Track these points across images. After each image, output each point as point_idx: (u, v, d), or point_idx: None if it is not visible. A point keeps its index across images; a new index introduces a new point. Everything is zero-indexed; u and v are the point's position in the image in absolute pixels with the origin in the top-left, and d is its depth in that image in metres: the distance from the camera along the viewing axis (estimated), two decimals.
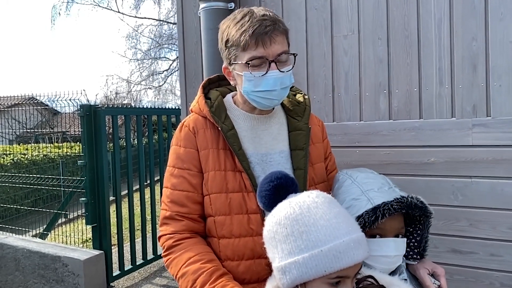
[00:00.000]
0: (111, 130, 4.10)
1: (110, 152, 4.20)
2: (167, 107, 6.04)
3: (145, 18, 18.56)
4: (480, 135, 1.88)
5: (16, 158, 6.52)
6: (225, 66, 1.24)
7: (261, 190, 0.98)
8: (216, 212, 1.17)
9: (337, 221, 0.87)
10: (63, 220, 5.09)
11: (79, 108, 3.86)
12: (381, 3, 2.06)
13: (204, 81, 1.35)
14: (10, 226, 4.55)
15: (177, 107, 5.47)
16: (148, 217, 4.52)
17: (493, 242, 1.87)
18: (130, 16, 17.26)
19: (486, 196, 1.87)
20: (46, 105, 5.38)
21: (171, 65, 16.23)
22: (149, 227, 4.59)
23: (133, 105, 14.69)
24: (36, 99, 5.29)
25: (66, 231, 4.52)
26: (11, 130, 6.12)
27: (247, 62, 1.13)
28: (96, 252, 3.71)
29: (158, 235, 1.23)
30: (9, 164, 6.38)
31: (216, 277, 1.07)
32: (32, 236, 4.53)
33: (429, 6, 1.96)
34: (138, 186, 4.30)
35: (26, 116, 5.44)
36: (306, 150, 1.25)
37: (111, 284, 3.85)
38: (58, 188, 4.75)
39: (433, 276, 1.19)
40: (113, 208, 4.03)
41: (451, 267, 1.92)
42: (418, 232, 1.21)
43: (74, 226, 4.61)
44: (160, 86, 17.30)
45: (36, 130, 7.90)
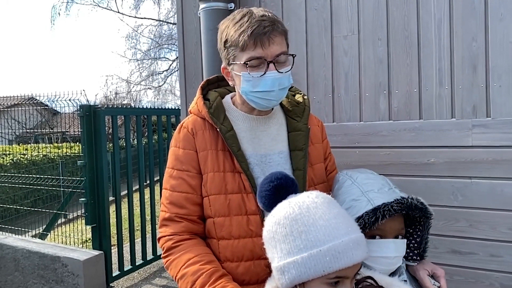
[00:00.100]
0: (111, 130, 4.10)
1: (109, 152, 4.19)
2: (166, 107, 6.03)
3: (145, 18, 18.60)
4: (480, 136, 1.88)
5: (16, 158, 6.52)
6: (224, 66, 1.24)
7: (261, 191, 0.98)
8: (215, 213, 1.17)
9: (336, 221, 0.87)
10: (63, 220, 5.09)
11: (78, 108, 3.86)
12: (381, 3, 2.06)
13: (202, 82, 1.34)
14: (10, 227, 4.54)
15: (176, 108, 5.47)
16: (148, 218, 4.52)
17: (492, 243, 1.87)
18: (130, 16, 17.25)
19: (486, 196, 1.87)
20: (46, 105, 5.38)
21: (170, 65, 16.25)
22: (148, 228, 4.59)
23: (132, 105, 14.68)
24: (36, 99, 5.29)
25: (65, 231, 4.52)
26: (11, 130, 6.11)
27: (245, 62, 1.12)
28: (96, 252, 3.70)
29: (157, 237, 1.23)
30: (8, 164, 6.38)
31: (215, 278, 1.07)
32: (32, 236, 4.53)
33: (429, 6, 1.96)
34: (137, 187, 4.30)
35: (25, 116, 5.43)
36: (306, 150, 1.24)
37: (110, 284, 3.85)
38: (57, 189, 4.74)
39: (433, 277, 1.19)
40: (112, 209, 4.03)
41: (451, 268, 1.92)
42: (418, 233, 1.21)
43: (73, 226, 4.61)
44: (160, 86, 17.32)
45: (35, 130, 7.90)
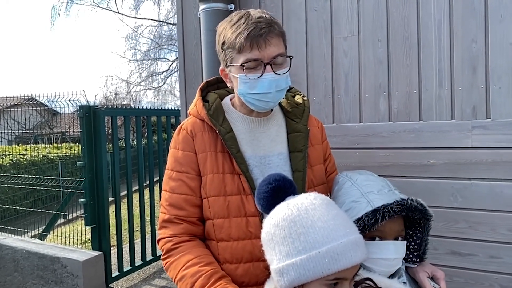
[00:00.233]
0: (111, 131, 4.10)
1: (109, 153, 4.19)
2: (166, 108, 6.03)
3: (145, 18, 18.66)
4: (479, 137, 1.87)
5: (15, 158, 6.52)
6: (222, 68, 1.24)
7: (259, 192, 0.97)
8: (214, 215, 1.17)
9: (335, 223, 0.87)
10: (62, 221, 5.09)
11: (78, 108, 3.85)
12: (381, 4, 2.06)
13: (202, 84, 1.34)
14: (9, 227, 4.53)
15: (176, 108, 5.47)
16: (147, 218, 4.51)
17: (492, 244, 1.87)
18: (129, 16, 17.25)
19: (486, 198, 1.87)
20: (46, 105, 5.38)
21: (170, 66, 16.24)
22: (148, 228, 4.58)
23: (132, 105, 14.67)
24: (36, 100, 5.29)
25: (65, 232, 4.51)
26: (10, 131, 6.11)
27: (242, 64, 1.12)
28: (95, 253, 3.70)
29: (157, 238, 1.23)
30: (8, 164, 6.38)
31: (214, 279, 1.06)
32: (31, 237, 4.52)
33: (429, 7, 1.96)
34: (137, 187, 4.29)
35: (25, 117, 5.42)
36: (305, 152, 1.24)
37: (110, 285, 3.84)
38: (57, 189, 4.74)
39: (432, 280, 1.19)
40: (112, 209, 4.02)
41: (450, 269, 1.91)
42: (418, 235, 1.20)
43: (73, 227, 4.61)
44: (160, 87, 17.31)
45: (35, 130, 7.90)
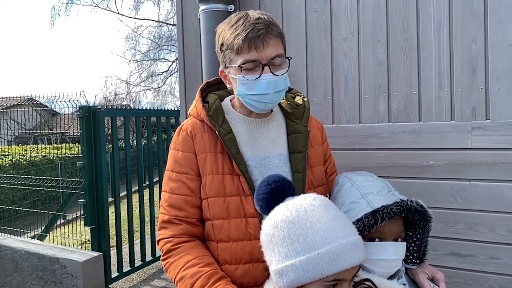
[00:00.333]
0: (110, 131, 4.10)
1: (109, 153, 4.19)
2: (166, 108, 6.03)
3: (145, 19, 18.57)
4: (479, 138, 1.88)
5: (15, 159, 6.52)
6: (221, 69, 1.24)
7: (259, 193, 0.98)
8: (214, 216, 1.17)
9: (334, 224, 0.87)
10: (62, 221, 5.08)
11: (78, 109, 3.85)
12: (381, 5, 2.06)
13: (202, 85, 1.34)
14: (9, 227, 4.54)
15: (176, 109, 5.47)
16: (147, 219, 4.51)
17: (492, 245, 1.87)
18: (129, 17, 17.24)
19: (485, 199, 1.87)
20: (45, 106, 5.37)
21: (170, 66, 16.23)
22: (148, 229, 4.58)
23: (132, 106, 14.67)
24: (35, 100, 5.28)
25: (64, 232, 4.51)
26: (10, 131, 6.11)
27: (240, 65, 1.13)
28: (95, 253, 3.70)
29: (157, 239, 1.23)
30: (7, 165, 6.38)
31: (214, 280, 1.06)
32: (31, 237, 4.51)
33: (428, 9, 1.96)
34: (137, 188, 4.29)
35: (25, 117, 5.43)
36: (305, 153, 1.24)
37: (109, 286, 3.84)
38: (56, 189, 4.73)
39: (432, 281, 1.19)
40: (112, 210, 4.02)
41: (450, 270, 1.91)
42: (418, 236, 1.20)
43: (72, 227, 4.61)
44: (159, 87, 17.29)
45: (35, 131, 7.89)
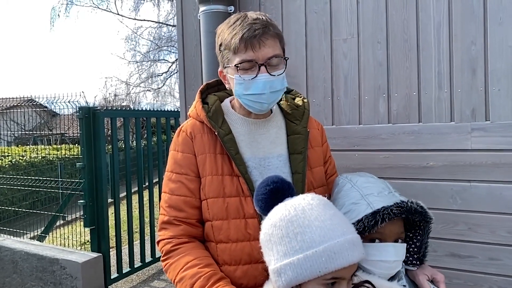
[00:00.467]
0: (110, 132, 4.09)
1: (108, 154, 4.19)
2: (166, 109, 6.03)
3: (145, 20, 18.58)
4: (479, 139, 1.88)
5: (15, 159, 6.51)
6: (221, 69, 1.25)
7: (258, 194, 0.98)
8: (213, 216, 1.17)
9: (332, 222, 0.87)
10: (61, 222, 5.08)
11: (78, 110, 3.85)
12: (381, 7, 2.07)
13: (202, 86, 1.34)
14: (8, 228, 4.53)
15: (176, 110, 5.47)
16: (147, 220, 4.51)
17: (491, 246, 1.87)
18: (129, 18, 17.34)
19: (485, 200, 1.87)
20: (45, 106, 5.37)
21: (170, 67, 16.23)
22: (147, 230, 4.57)
23: (132, 107, 14.67)
24: (35, 101, 5.28)
25: (64, 233, 4.50)
26: (10, 132, 6.11)
27: (236, 65, 1.13)
28: (94, 254, 3.69)
29: (156, 240, 1.23)
30: (7, 165, 6.37)
31: (213, 281, 1.06)
32: (30, 238, 4.51)
33: (428, 10, 1.97)
34: (136, 188, 4.29)
35: (24, 118, 5.42)
36: (305, 154, 1.24)
37: (109, 287, 3.83)
38: (56, 190, 4.73)
39: (432, 283, 1.19)
40: (111, 211, 4.01)
41: (450, 271, 1.91)
42: (418, 237, 1.20)
43: (72, 228, 4.60)
44: (159, 88, 17.29)
45: (34, 131, 7.89)
